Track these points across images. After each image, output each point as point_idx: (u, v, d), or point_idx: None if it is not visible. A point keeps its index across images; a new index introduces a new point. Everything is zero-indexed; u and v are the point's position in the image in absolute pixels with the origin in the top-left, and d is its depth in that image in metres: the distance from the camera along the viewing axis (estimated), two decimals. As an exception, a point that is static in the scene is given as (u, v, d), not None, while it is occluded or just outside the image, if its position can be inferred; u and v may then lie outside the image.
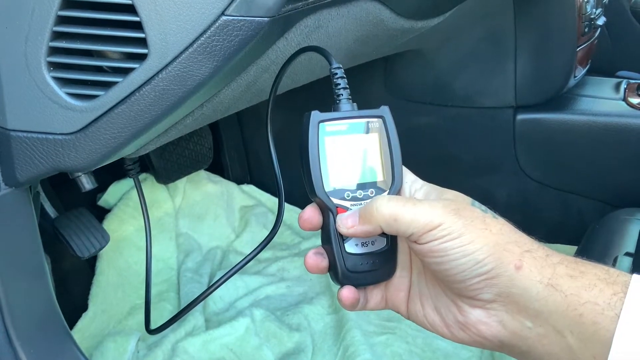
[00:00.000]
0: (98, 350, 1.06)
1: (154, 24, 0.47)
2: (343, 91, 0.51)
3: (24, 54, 0.49)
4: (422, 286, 0.50)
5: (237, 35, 0.47)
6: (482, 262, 0.44)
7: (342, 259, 0.49)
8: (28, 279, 0.60)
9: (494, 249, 0.45)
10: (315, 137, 0.48)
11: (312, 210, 0.50)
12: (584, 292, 0.42)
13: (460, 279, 0.45)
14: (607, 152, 1.16)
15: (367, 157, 0.50)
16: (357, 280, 0.50)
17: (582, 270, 0.44)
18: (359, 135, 0.49)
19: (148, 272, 0.82)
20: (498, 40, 1.16)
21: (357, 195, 0.49)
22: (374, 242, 0.50)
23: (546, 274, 0.44)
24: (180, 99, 0.49)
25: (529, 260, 0.44)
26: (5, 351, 0.57)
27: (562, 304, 0.42)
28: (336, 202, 0.48)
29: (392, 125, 0.50)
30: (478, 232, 0.45)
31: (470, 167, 1.29)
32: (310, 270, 0.51)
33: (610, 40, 1.74)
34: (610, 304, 0.41)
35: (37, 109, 0.51)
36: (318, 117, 0.48)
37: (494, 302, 0.45)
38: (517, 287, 0.44)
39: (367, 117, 0.50)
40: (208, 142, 1.41)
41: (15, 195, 0.56)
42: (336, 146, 0.49)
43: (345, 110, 0.50)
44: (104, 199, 1.33)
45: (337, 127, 0.49)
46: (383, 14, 0.72)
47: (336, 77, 0.51)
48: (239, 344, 1.09)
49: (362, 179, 0.49)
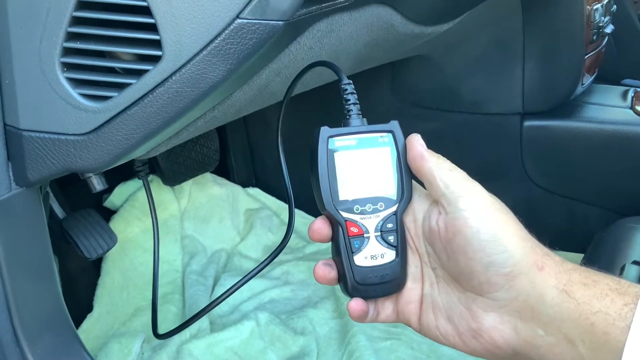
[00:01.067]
0: (103, 352, 1.06)
1: (169, 26, 0.47)
2: (353, 107, 0.51)
3: (38, 55, 0.49)
4: (435, 297, 0.50)
5: (252, 39, 0.47)
6: (510, 253, 0.44)
7: (352, 272, 0.50)
8: (37, 279, 0.61)
9: (523, 243, 0.45)
10: (324, 152, 0.49)
11: (321, 222, 0.51)
12: (595, 301, 0.42)
13: (485, 265, 0.44)
14: (614, 160, 1.15)
15: (377, 172, 0.50)
16: (366, 293, 0.51)
17: (595, 279, 0.44)
18: (369, 150, 0.50)
19: (155, 276, 0.82)
20: (506, 47, 1.16)
21: (366, 209, 0.50)
22: (383, 255, 0.50)
23: (562, 279, 0.44)
24: (194, 101, 0.50)
25: (549, 263, 0.45)
26: (12, 351, 0.57)
27: (575, 312, 0.42)
28: (345, 215, 0.49)
29: (401, 140, 0.51)
30: (513, 223, 0.46)
31: (477, 173, 1.27)
32: (319, 281, 0.52)
33: (616, 48, 1.74)
34: (622, 314, 0.41)
35: (50, 110, 0.51)
36: (327, 132, 0.49)
37: (510, 305, 0.45)
38: (535, 291, 0.44)
39: (377, 132, 0.51)
40: (214, 144, 1.41)
41: (26, 195, 0.56)
42: (345, 161, 0.49)
43: (355, 125, 0.51)
44: (109, 200, 1.33)
45: (346, 142, 0.50)
46: (394, 19, 0.72)
47: (346, 93, 0.52)
48: (244, 347, 1.09)
49: (372, 193, 0.50)
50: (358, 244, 0.50)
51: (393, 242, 0.50)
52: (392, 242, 0.50)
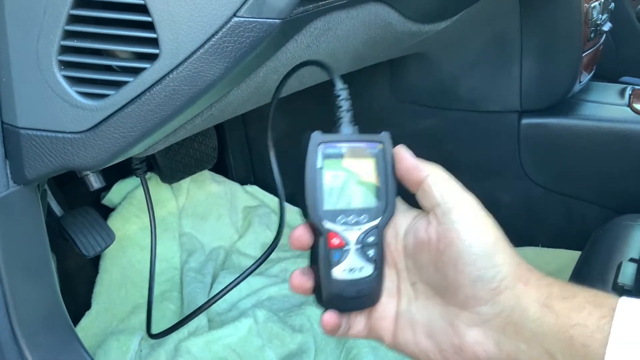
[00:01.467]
0: (101, 349, 1.06)
1: (166, 25, 0.47)
2: (346, 113, 0.50)
3: (36, 53, 0.49)
4: (414, 313, 0.49)
5: (249, 37, 0.47)
6: (499, 268, 0.44)
7: (328, 284, 0.49)
8: (34, 277, 0.61)
9: (511, 259, 0.45)
10: (314, 159, 0.47)
11: (303, 229, 0.49)
12: (574, 314, 0.42)
13: (473, 279, 0.44)
14: (612, 158, 1.16)
15: (363, 183, 0.49)
16: (341, 306, 0.50)
17: (573, 293, 0.44)
18: (357, 160, 0.49)
19: (152, 275, 0.82)
20: (504, 45, 1.16)
21: (349, 221, 0.48)
22: (361, 269, 0.49)
23: (543, 293, 0.44)
24: (191, 99, 0.50)
25: (532, 278, 0.45)
26: (10, 348, 0.57)
27: (555, 325, 0.43)
28: (328, 226, 0.48)
29: (390, 152, 0.50)
30: (502, 238, 0.46)
31: (474, 171, 1.29)
32: (295, 291, 0.50)
33: (614, 46, 1.74)
34: (599, 326, 0.41)
35: (48, 107, 0.51)
36: (319, 138, 0.47)
37: (493, 320, 0.45)
38: (519, 305, 0.44)
39: (367, 141, 0.49)
40: (213, 142, 1.41)
41: (23, 193, 0.56)
42: (334, 169, 0.48)
43: (347, 133, 0.49)
44: (108, 197, 1.33)
45: (336, 149, 0.48)
46: (391, 17, 0.72)
47: (341, 99, 0.50)
48: (242, 345, 1.09)
49: (356, 205, 0.49)
50: (338, 256, 0.48)
51: (372, 256, 0.49)
52: (372, 256, 0.49)
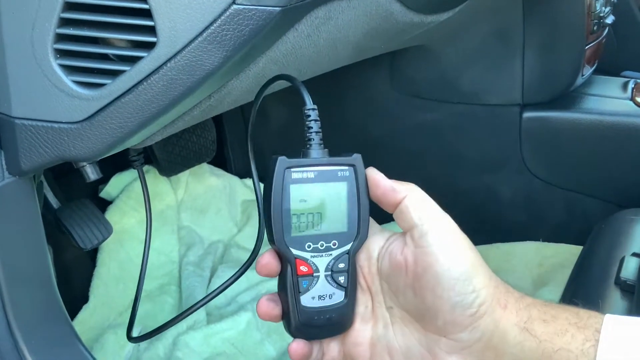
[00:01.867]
0: (98, 343, 1.06)
1: (164, 12, 0.46)
2: (315, 136, 0.48)
3: (31, 41, 0.48)
4: (390, 339, 0.48)
5: (248, 25, 0.46)
6: (478, 293, 0.43)
7: (297, 312, 0.47)
8: (30, 270, 0.60)
9: (489, 281, 0.44)
10: (280, 185, 0.46)
11: (270, 256, 0.48)
12: (556, 338, 0.42)
13: (453, 304, 0.43)
14: (614, 152, 1.15)
15: (333, 208, 0.48)
16: (310, 334, 0.49)
17: (554, 315, 0.43)
18: (327, 184, 0.47)
19: (142, 273, 0.80)
20: (506, 37, 1.15)
21: (319, 247, 0.47)
22: (331, 296, 0.48)
23: (523, 316, 0.43)
24: (189, 89, 0.49)
25: (510, 300, 0.44)
26: (5, 341, 0.57)
27: (537, 350, 0.42)
28: (296, 253, 0.47)
29: (362, 175, 0.48)
30: (479, 260, 0.45)
31: (475, 164, 1.28)
32: (262, 318, 0.50)
33: (616, 39, 1.73)
34: (583, 350, 0.41)
35: (43, 97, 0.50)
36: (285, 163, 0.46)
37: (473, 346, 0.44)
38: (498, 330, 0.43)
39: (338, 165, 0.48)
40: (212, 135, 1.40)
41: (18, 185, 0.56)
42: (301, 195, 0.47)
43: (315, 157, 0.48)
44: (105, 190, 1.32)
45: (304, 174, 0.47)
46: (393, 7, 0.71)
47: (309, 120, 0.48)
48: (241, 339, 1.09)
49: (326, 230, 0.47)
50: (306, 283, 0.47)
51: (343, 282, 0.48)
52: (342, 282, 0.48)
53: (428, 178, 1.38)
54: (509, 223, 1.30)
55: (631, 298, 0.78)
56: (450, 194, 1.35)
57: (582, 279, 0.89)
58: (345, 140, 1.38)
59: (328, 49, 0.69)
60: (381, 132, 1.35)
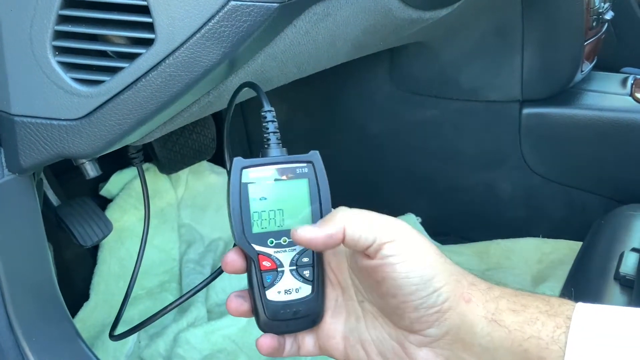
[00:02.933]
0: (99, 340, 1.06)
1: (162, 9, 0.46)
2: (272, 135, 0.50)
3: (29, 38, 0.49)
4: (363, 332, 0.49)
5: (246, 21, 0.47)
6: (439, 291, 0.44)
7: (263, 307, 0.49)
8: (31, 267, 0.60)
9: (449, 278, 0.44)
10: (237, 184, 0.48)
11: (235, 254, 0.49)
12: (527, 326, 0.42)
13: (416, 306, 0.44)
14: (613, 148, 1.15)
15: (294, 204, 0.49)
16: (279, 328, 0.50)
17: (524, 304, 0.44)
18: (286, 182, 0.49)
19: (135, 271, 0.81)
20: (505, 34, 1.15)
21: (282, 242, 0.48)
22: (298, 290, 0.49)
23: (490, 308, 0.44)
24: (188, 85, 0.49)
25: (475, 294, 0.44)
26: (7, 339, 0.57)
27: (507, 339, 0.42)
28: (258, 249, 0.48)
29: (322, 171, 0.49)
30: (437, 257, 0.45)
31: (475, 161, 1.29)
32: (232, 314, 0.51)
33: (615, 36, 1.73)
34: (554, 337, 0.41)
35: (42, 94, 0.50)
36: (241, 163, 0.48)
37: (441, 340, 0.45)
38: (464, 323, 0.44)
39: (295, 162, 0.49)
40: (211, 133, 1.40)
41: (18, 182, 0.56)
42: (260, 193, 0.48)
43: (273, 155, 0.49)
44: (106, 188, 1.33)
45: (261, 173, 0.48)
46: (392, 3, 0.71)
47: (266, 121, 0.50)
48: (241, 335, 1.09)
49: (288, 226, 0.48)
50: (270, 278, 0.48)
51: (309, 276, 0.49)
52: (308, 276, 0.49)
53: (428, 175, 1.38)
54: (508, 219, 1.30)
55: (630, 293, 0.78)
56: (449, 190, 1.36)
57: (581, 274, 0.89)
58: (345, 136, 1.38)
59: (327, 45, 0.69)
60: (381, 128, 1.35)
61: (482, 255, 1.29)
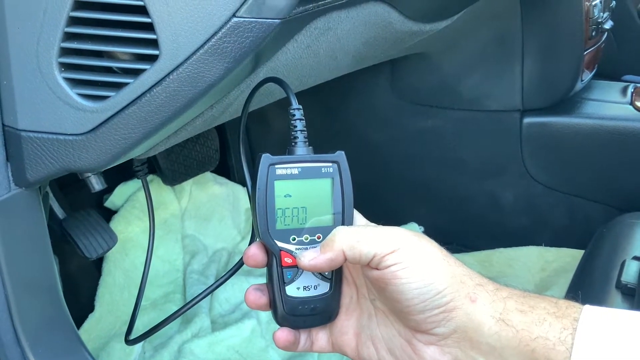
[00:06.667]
0: (104, 351, 1.06)
1: (166, 25, 0.47)
2: (300, 134, 0.51)
3: (36, 55, 0.49)
4: (374, 329, 0.50)
5: (248, 37, 0.47)
6: (442, 293, 0.44)
7: (282, 302, 0.50)
8: (37, 280, 0.61)
9: (452, 279, 0.45)
10: (264, 181, 0.48)
11: (257, 248, 0.50)
12: (534, 327, 0.43)
13: (420, 310, 0.45)
14: (614, 156, 1.15)
15: (317, 202, 0.50)
16: (296, 323, 0.51)
17: (532, 305, 0.44)
18: (311, 180, 0.49)
19: (143, 280, 0.81)
20: (505, 43, 1.16)
21: (303, 240, 0.49)
22: (316, 287, 0.50)
23: (497, 308, 0.44)
24: (191, 100, 0.50)
25: (482, 294, 0.45)
26: (13, 351, 0.57)
27: (514, 339, 0.43)
28: (280, 245, 0.49)
29: (346, 172, 0.50)
30: (439, 261, 0.46)
31: (477, 170, 1.29)
32: (250, 306, 0.52)
33: (615, 44, 1.73)
34: (561, 338, 0.42)
35: (48, 110, 0.51)
36: (269, 160, 0.49)
37: (449, 338, 0.46)
38: (472, 322, 0.44)
39: (321, 161, 0.50)
40: (215, 144, 1.41)
41: (25, 196, 0.56)
42: (285, 190, 0.49)
43: (300, 154, 0.50)
44: (110, 200, 1.33)
45: (288, 170, 0.49)
46: (392, 16, 0.72)
47: (294, 119, 0.51)
48: (245, 346, 1.09)
49: (310, 224, 0.49)
50: (291, 274, 0.49)
51: (327, 274, 0.50)
52: (327, 274, 0.50)
53: (430, 184, 1.39)
54: (511, 228, 1.30)
55: (632, 301, 0.79)
56: (452, 200, 1.36)
57: (583, 282, 0.89)
58: (347, 147, 1.38)
59: (328, 58, 0.70)
60: (382, 138, 1.36)
61: (485, 264, 1.30)
